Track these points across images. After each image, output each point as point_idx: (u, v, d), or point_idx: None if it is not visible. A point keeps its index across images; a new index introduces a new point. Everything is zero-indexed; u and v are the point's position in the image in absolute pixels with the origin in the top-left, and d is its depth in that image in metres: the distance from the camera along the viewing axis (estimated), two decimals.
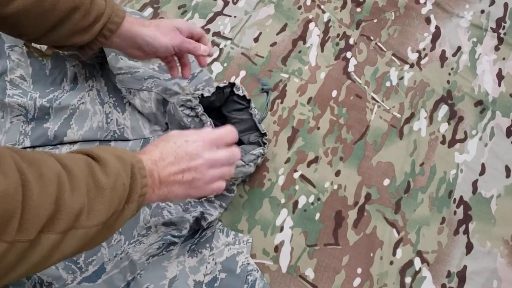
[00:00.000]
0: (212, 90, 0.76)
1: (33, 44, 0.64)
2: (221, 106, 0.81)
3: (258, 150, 0.74)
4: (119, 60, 0.80)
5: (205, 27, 0.92)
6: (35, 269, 0.42)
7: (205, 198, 0.75)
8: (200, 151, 0.57)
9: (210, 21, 0.93)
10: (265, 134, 0.76)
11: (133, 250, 0.71)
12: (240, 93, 0.77)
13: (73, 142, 0.80)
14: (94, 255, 0.71)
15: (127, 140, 0.80)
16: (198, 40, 0.71)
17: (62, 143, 0.80)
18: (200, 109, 0.74)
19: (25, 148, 0.79)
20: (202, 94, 0.75)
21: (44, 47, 0.67)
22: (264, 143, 0.75)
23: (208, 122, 0.73)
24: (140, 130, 0.80)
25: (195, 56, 0.71)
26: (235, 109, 0.79)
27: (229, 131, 0.59)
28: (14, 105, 0.79)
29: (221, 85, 0.77)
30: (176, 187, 0.56)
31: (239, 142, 0.80)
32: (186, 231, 0.70)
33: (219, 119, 0.81)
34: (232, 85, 0.77)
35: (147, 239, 0.72)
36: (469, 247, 0.76)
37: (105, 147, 0.64)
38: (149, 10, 0.94)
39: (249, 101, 0.78)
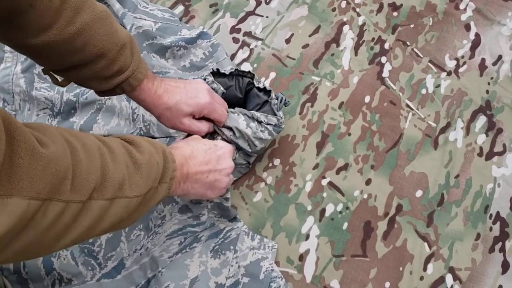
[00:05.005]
0: (229, 70, 0.74)
1: (50, 72, 0.61)
2: (244, 104, 0.78)
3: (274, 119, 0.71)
4: (151, 58, 0.79)
5: (236, 27, 0.90)
6: (87, 234, 0.45)
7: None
8: (227, 157, 0.64)
9: (242, 20, 0.91)
10: (280, 120, 0.72)
11: (151, 244, 0.70)
12: (260, 85, 0.74)
13: None
14: (113, 250, 0.71)
15: (153, 137, 0.78)
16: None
17: None
18: (210, 78, 0.72)
19: None
20: (218, 70, 0.74)
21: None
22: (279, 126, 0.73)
23: (219, 90, 0.72)
24: (165, 127, 0.79)
25: None
26: (256, 104, 0.75)
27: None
28: (41, 98, 0.79)
29: (240, 69, 0.74)
30: (198, 185, 0.60)
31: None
32: (205, 217, 0.69)
33: None
34: (252, 75, 0.74)
35: (162, 228, 0.71)
36: (505, 266, 0.72)
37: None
38: (180, 8, 0.92)
39: (269, 92, 0.74)
